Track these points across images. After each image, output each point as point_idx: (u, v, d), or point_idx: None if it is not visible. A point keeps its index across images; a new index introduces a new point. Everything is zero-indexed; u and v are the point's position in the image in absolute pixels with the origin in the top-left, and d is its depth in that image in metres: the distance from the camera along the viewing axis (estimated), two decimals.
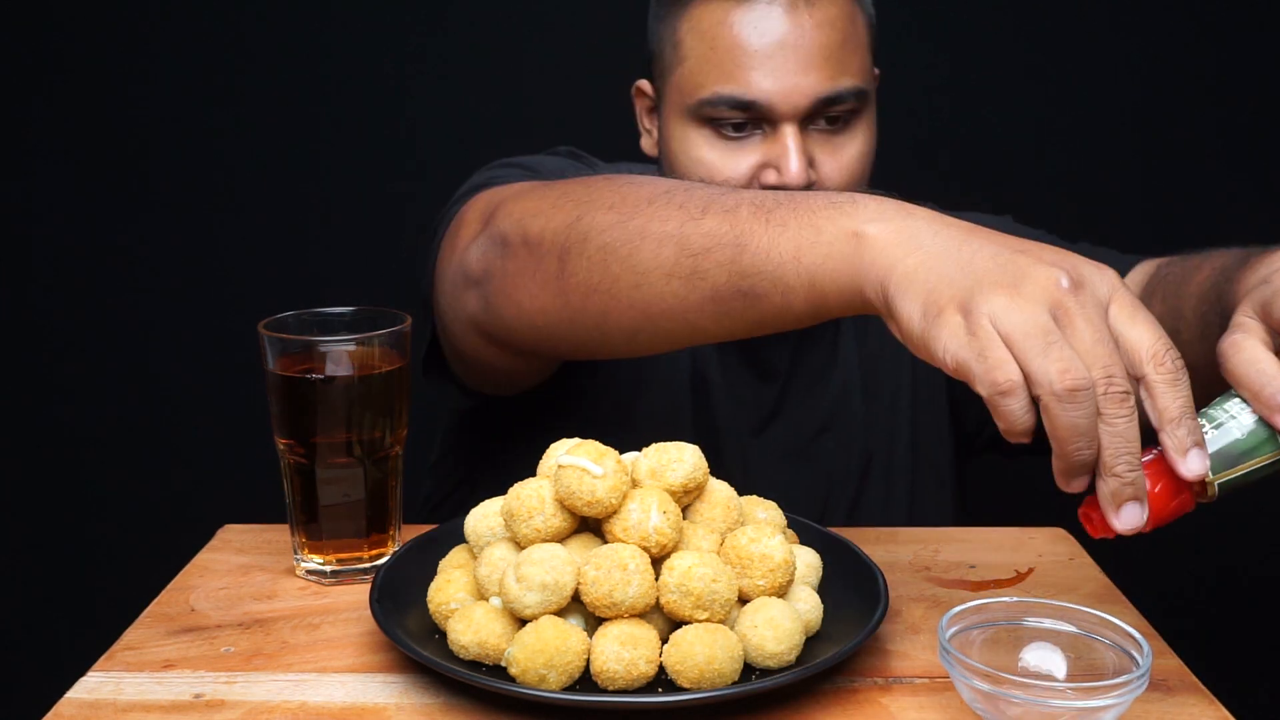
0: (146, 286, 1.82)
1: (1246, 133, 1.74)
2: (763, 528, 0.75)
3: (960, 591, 0.86)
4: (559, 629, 0.69)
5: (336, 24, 1.77)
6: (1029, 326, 0.60)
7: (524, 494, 0.74)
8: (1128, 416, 0.60)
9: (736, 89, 1.06)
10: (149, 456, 1.86)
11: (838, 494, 1.17)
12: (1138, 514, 0.61)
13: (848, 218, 0.70)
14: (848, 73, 1.08)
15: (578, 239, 0.84)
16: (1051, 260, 0.63)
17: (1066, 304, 0.61)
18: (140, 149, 1.79)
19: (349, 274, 1.75)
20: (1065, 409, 0.60)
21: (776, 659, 0.71)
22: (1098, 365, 0.60)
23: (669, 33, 1.12)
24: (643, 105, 1.21)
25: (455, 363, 1.10)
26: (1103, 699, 0.64)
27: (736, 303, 0.76)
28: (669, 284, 0.78)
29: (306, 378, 0.85)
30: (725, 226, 0.76)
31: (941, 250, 0.66)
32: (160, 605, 0.84)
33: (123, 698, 0.72)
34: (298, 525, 0.88)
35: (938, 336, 0.63)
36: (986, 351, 0.61)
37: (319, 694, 0.72)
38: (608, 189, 0.85)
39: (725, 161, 1.09)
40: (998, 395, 0.61)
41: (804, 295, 0.72)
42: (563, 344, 0.94)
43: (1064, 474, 0.62)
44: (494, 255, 0.93)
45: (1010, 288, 0.62)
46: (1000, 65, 1.75)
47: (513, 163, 1.13)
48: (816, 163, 1.08)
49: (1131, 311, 0.62)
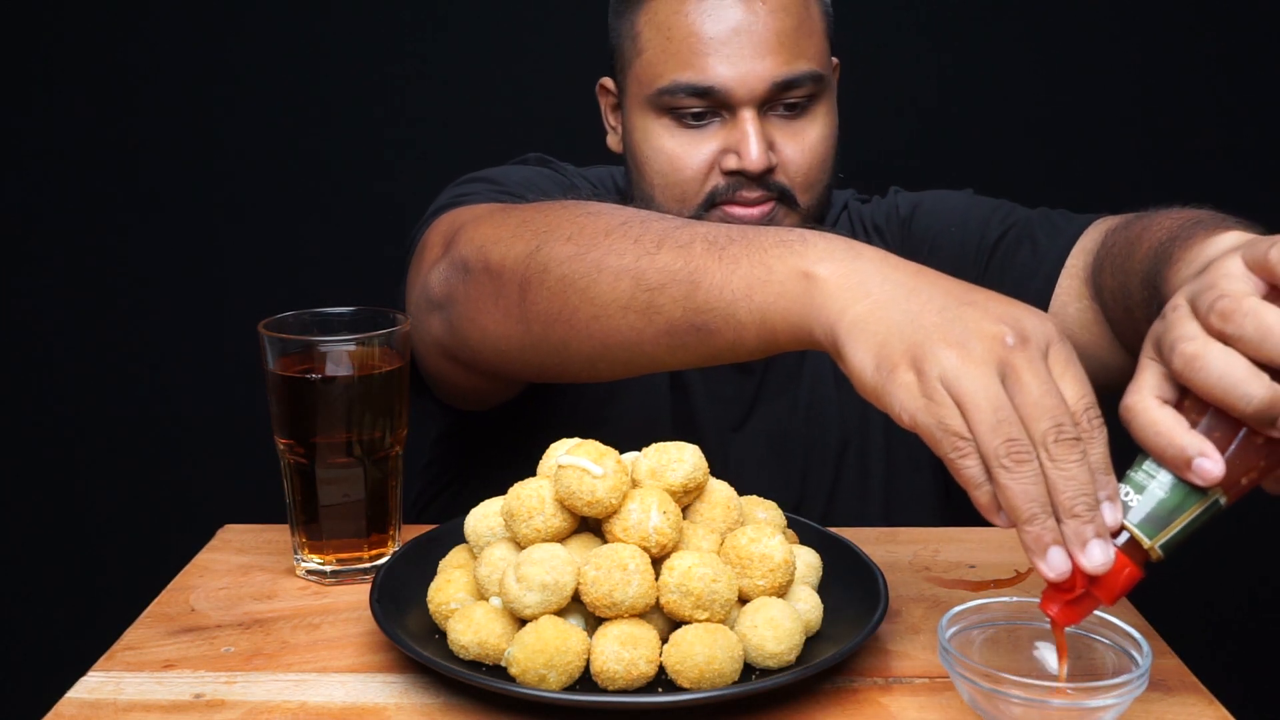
0: (147, 287, 1.83)
1: (1244, 119, 1.74)
2: (763, 528, 0.75)
3: (960, 591, 0.86)
4: (559, 629, 0.69)
5: (338, 25, 1.77)
6: (979, 397, 0.63)
7: (524, 494, 0.74)
8: (1079, 460, 0.62)
9: (694, 76, 1.08)
10: (149, 456, 1.86)
11: (814, 481, 1.17)
12: (1103, 552, 0.63)
13: (798, 257, 0.72)
14: (803, 57, 1.09)
15: (537, 270, 0.86)
16: (997, 315, 0.66)
17: (1013, 361, 0.63)
18: (140, 149, 1.79)
19: (349, 274, 1.75)
20: (1014, 478, 0.62)
21: (776, 659, 0.71)
22: (1046, 416, 0.62)
23: (627, 27, 1.14)
24: (607, 103, 1.23)
25: (427, 380, 1.11)
26: (1103, 699, 0.64)
27: (690, 337, 0.78)
28: (626, 317, 0.81)
29: (306, 378, 0.85)
30: (680, 262, 0.78)
31: (889, 299, 0.68)
32: (160, 605, 0.84)
33: (123, 698, 0.72)
34: (298, 525, 0.88)
35: (894, 394, 0.65)
36: (945, 420, 0.63)
37: (319, 694, 0.72)
38: (566, 218, 0.87)
39: (686, 150, 1.10)
40: (958, 459, 0.63)
41: (755, 332, 0.74)
42: (526, 368, 0.96)
43: (1029, 545, 0.63)
44: (456, 280, 0.94)
45: (959, 346, 0.64)
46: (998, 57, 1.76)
47: (480, 177, 1.14)
48: (778, 147, 1.10)
49: (1063, 367, 0.65)
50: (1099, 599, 0.65)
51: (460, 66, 1.77)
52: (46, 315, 1.83)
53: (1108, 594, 0.64)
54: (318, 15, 1.76)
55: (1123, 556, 0.64)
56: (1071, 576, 0.63)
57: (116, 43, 1.76)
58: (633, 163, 1.16)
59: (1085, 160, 1.77)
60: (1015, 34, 1.76)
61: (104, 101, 1.77)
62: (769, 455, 1.18)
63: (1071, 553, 0.63)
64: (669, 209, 1.11)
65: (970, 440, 0.63)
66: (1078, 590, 0.64)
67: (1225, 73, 1.76)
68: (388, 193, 1.76)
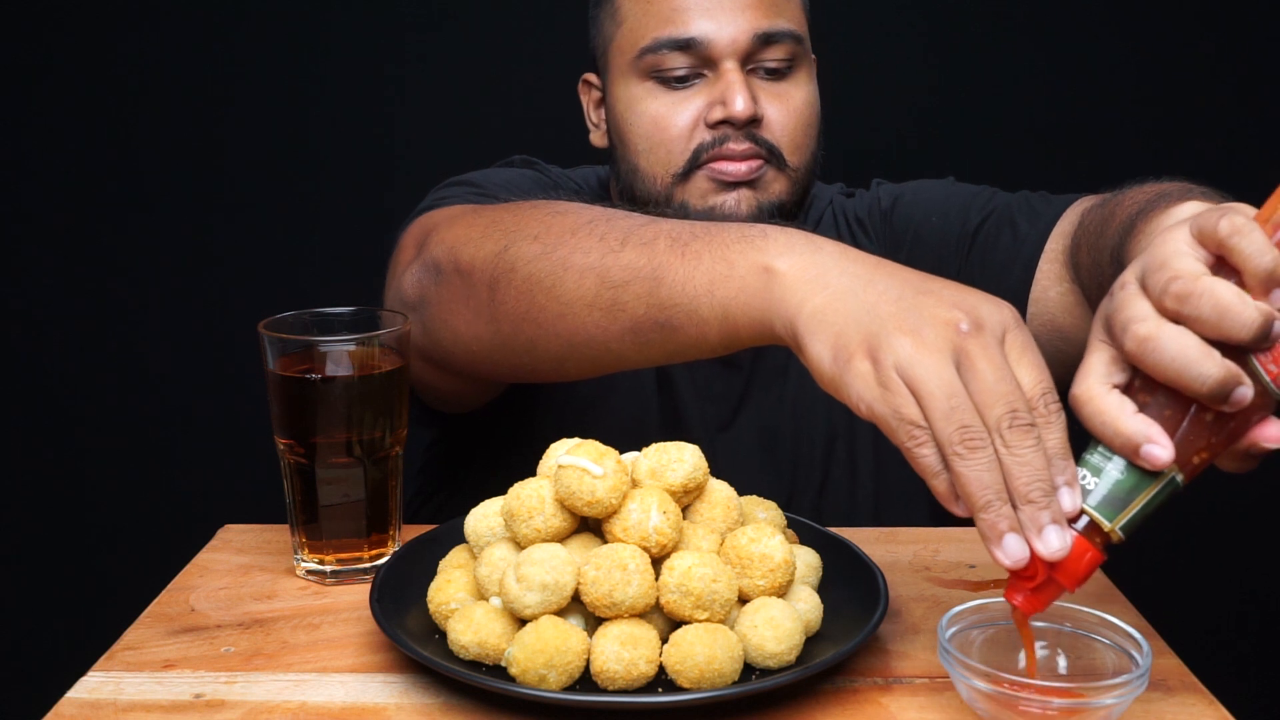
0: (146, 287, 1.83)
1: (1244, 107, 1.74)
2: (763, 528, 0.75)
3: (960, 591, 0.86)
4: (559, 629, 0.69)
5: (338, 25, 1.77)
6: (933, 384, 0.63)
7: (524, 494, 0.74)
8: (1034, 446, 0.63)
9: (675, 30, 1.10)
10: (149, 456, 1.86)
11: (804, 476, 1.17)
12: (1059, 537, 0.63)
13: (759, 252, 0.73)
14: (782, 16, 1.11)
15: (505, 269, 0.86)
16: (951, 302, 0.66)
17: (967, 347, 0.64)
18: (140, 149, 1.79)
19: (349, 274, 1.75)
20: (968, 464, 0.62)
21: (776, 659, 0.71)
22: (1000, 402, 0.63)
23: (608, 7, 1.16)
24: (590, 99, 1.24)
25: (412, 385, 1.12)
26: (1103, 699, 0.64)
27: (655, 333, 0.79)
28: (591, 314, 0.81)
29: (306, 378, 0.85)
30: (643, 259, 0.79)
31: (847, 289, 0.68)
32: (160, 605, 0.84)
33: (123, 698, 0.72)
34: (298, 525, 0.88)
35: (850, 384, 0.66)
36: (900, 409, 0.64)
37: (319, 694, 0.72)
38: (534, 218, 0.88)
39: (671, 110, 1.11)
40: (914, 447, 0.64)
41: (718, 328, 0.75)
42: (498, 369, 0.97)
43: (985, 532, 0.63)
44: (428, 282, 0.95)
45: (913, 333, 0.65)
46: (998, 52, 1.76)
47: (461, 180, 1.15)
48: (762, 106, 1.11)
49: (1019, 353, 0.65)
50: (1062, 585, 0.65)
51: (460, 66, 1.77)
52: (46, 315, 1.83)
53: (1070, 579, 0.64)
54: (318, 16, 1.76)
55: (1083, 541, 0.64)
56: (1032, 564, 0.63)
57: (117, 42, 1.76)
58: (618, 137, 1.16)
59: (1086, 153, 1.77)
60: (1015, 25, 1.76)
61: (104, 101, 1.77)
62: (758, 451, 1.18)
63: (1029, 539, 0.63)
64: (654, 173, 1.12)
65: (926, 429, 0.63)
66: (1040, 578, 0.64)
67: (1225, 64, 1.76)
68: (388, 193, 1.76)
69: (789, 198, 1.13)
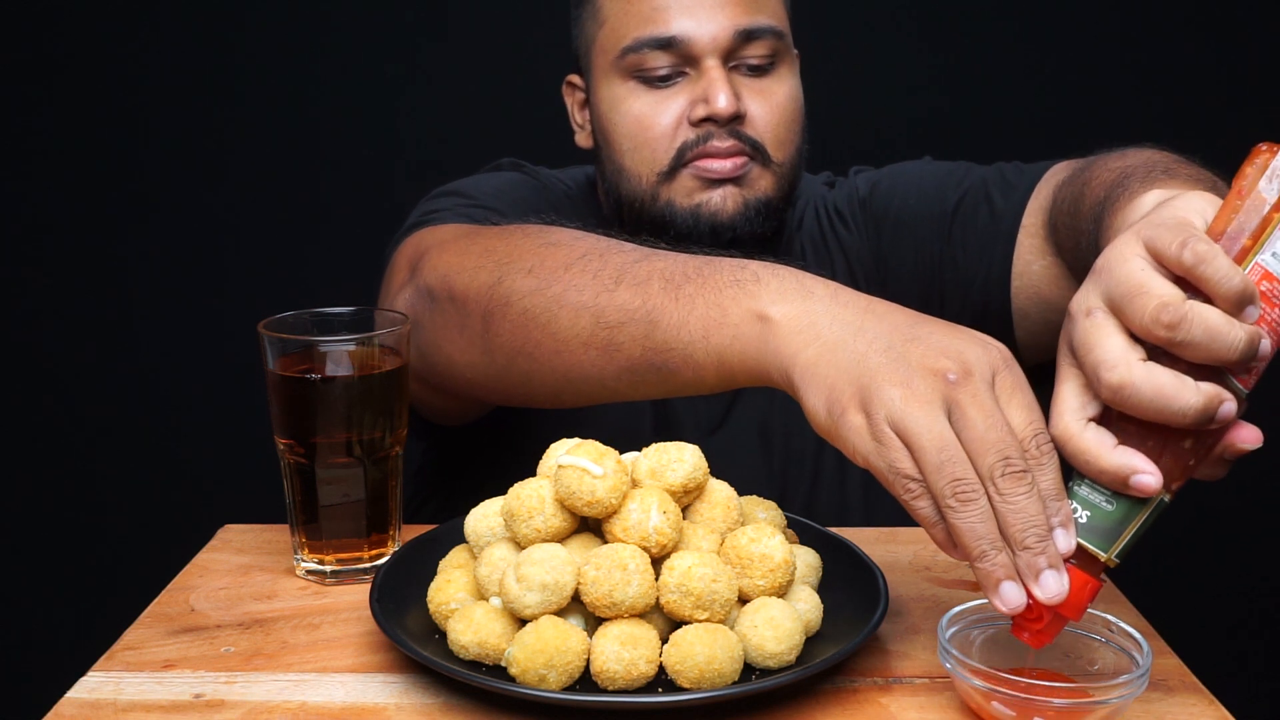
0: (146, 286, 1.83)
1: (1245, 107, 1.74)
2: (763, 528, 0.74)
3: (960, 591, 0.86)
4: (559, 629, 0.69)
5: (338, 24, 1.77)
6: (925, 437, 0.64)
7: (524, 494, 0.74)
8: (1027, 492, 0.63)
9: (656, 29, 1.10)
10: (149, 457, 1.86)
11: (795, 474, 1.17)
12: (1057, 581, 0.63)
13: (751, 299, 0.74)
14: (763, 12, 1.11)
15: (500, 302, 0.87)
16: (940, 349, 0.66)
17: (957, 397, 0.64)
18: (140, 149, 1.79)
19: (349, 274, 1.75)
20: (961, 517, 0.63)
21: (776, 659, 0.71)
22: (992, 451, 0.63)
23: (589, 7, 1.16)
24: (574, 100, 1.23)
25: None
26: (1103, 699, 0.64)
27: (651, 374, 0.79)
28: (587, 353, 0.82)
29: (306, 378, 0.85)
30: (637, 300, 0.79)
31: (838, 340, 0.69)
32: (160, 605, 0.84)
33: (123, 698, 0.72)
34: (298, 525, 0.88)
35: (845, 437, 0.67)
36: (894, 463, 0.64)
37: (319, 694, 0.72)
38: (528, 249, 0.88)
39: (654, 109, 1.11)
40: (911, 500, 0.65)
41: (714, 371, 0.76)
42: (492, 395, 0.97)
43: (982, 581, 0.64)
44: (422, 307, 0.95)
45: (904, 385, 0.65)
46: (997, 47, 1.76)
47: (450, 191, 1.15)
48: (745, 102, 1.11)
49: (1009, 394, 0.65)
50: (1066, 617, 0.66)
51: (461, 67, 1.77)
52: (46, 315, 1.83)
53: (1073, 610, 0.65)
54: (319, 16, 1.76)
55: (1081, 574, 0.65)
56: (1034, 605, 0.64)
57: (117, 43, 1.76)
58: (602, 137, 1.16)
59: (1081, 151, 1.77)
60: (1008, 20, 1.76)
61: (104, 102, 1.77)
62: (750, 450, 1.18)
63: (1026, 586, 0.64)
64: (639, 172, 1.12)
65: (920, 481, 0.64)
66: (1045, 618, 0.65)
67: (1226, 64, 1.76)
68: (388, 193, 1.76)
69: (775, 194, 1.13)
